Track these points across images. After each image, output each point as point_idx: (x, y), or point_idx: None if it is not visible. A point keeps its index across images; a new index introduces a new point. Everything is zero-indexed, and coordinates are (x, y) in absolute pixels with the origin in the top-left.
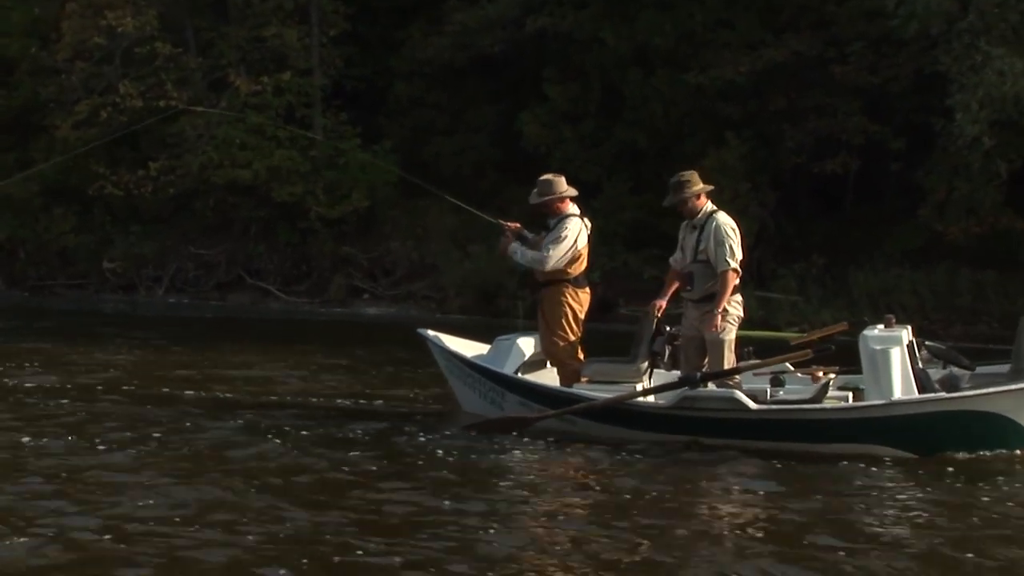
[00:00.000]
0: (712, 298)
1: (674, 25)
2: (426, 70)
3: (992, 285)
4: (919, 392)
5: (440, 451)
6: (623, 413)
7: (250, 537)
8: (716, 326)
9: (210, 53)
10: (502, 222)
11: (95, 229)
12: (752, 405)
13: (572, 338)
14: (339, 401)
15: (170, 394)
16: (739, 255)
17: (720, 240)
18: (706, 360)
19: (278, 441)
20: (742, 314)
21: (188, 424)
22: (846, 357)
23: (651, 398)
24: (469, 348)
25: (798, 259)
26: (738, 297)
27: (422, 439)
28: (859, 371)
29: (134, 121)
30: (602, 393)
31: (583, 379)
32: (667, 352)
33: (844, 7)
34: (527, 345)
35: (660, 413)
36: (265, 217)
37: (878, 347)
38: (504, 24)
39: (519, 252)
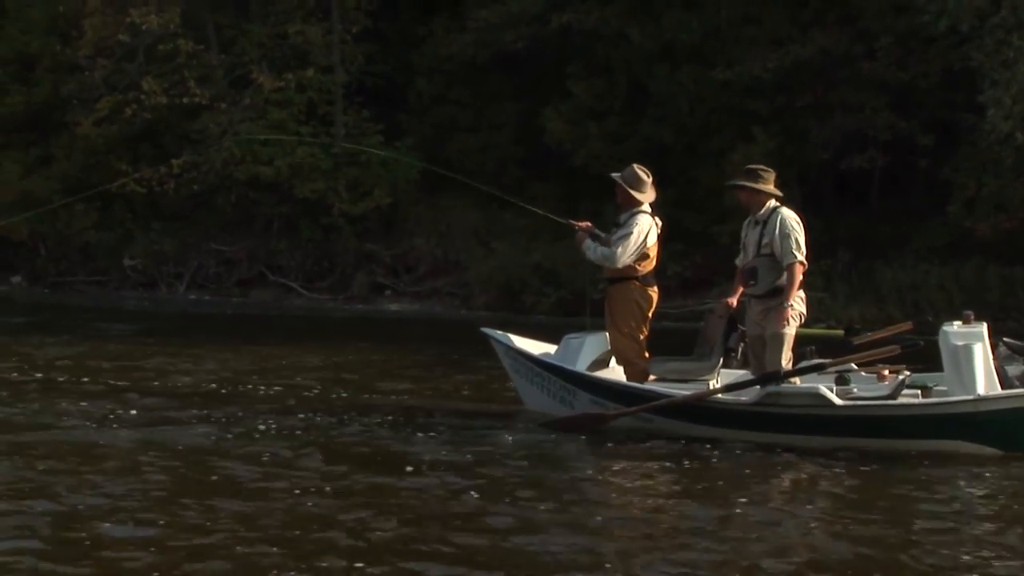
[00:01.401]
0: (776, 293)
1: (700, 21)
2: (447, 67)
3: (1021, 281)
4: (1001, 388)
5: (514, 448)
6: (703, 410)
7: (322, 534)
8: (784, 320)
9: (232, 50)
10: (572, 222)
11: (115, 226)
12: (838, 401)
13: (640, 336)
14: (400, 399)
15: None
16: (803, 249)
17: (786, 233)
18: (788, 358)
19: (357, 438)
20: (804, 311)
21: (255, 424)
22: (909, 356)
23: (733, 395)
24: (534, 347)
25: (824, 255)
26: (801, 293)
27: (494, 436)
28: (924, 370)
29: (159, 118)
30: (676, 391)
31: (652, 377)
32: (740, 350)
33: (872, 1)
34: (598, 343)
35: (743, 410)
36: (287, 214)
37: (960, 343)
38: (527, 20)
39: (592, 248)
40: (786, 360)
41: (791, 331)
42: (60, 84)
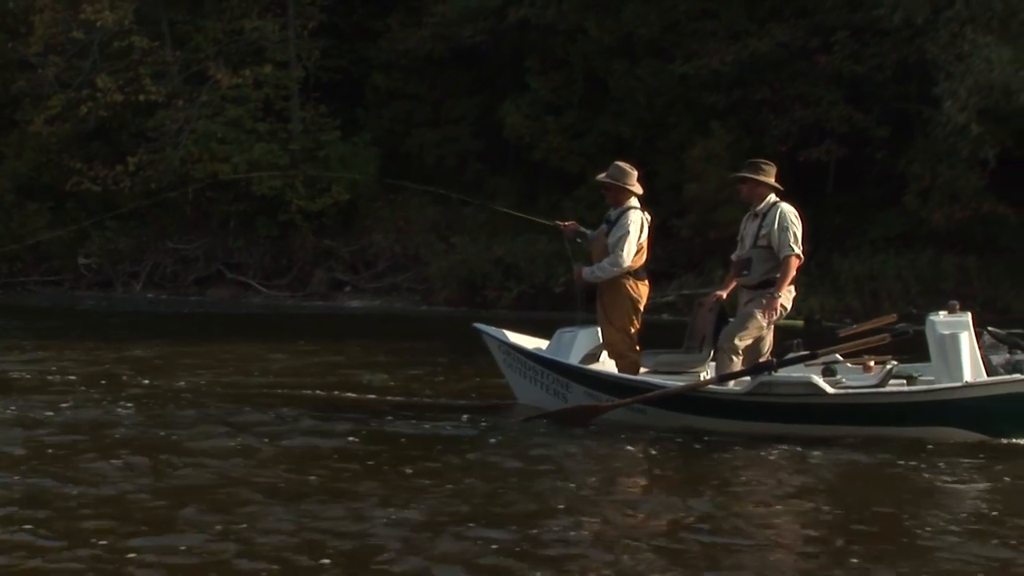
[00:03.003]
0: (768, 284)
1: (658, 15)
2: (405, 61)
3: (975, 270)
4: (987, 375)
5: (506, 441)
6: (697, 401)
7: (307, 531)
8: (769, 307)
9: (187, 47)
10: (558, 223)
11: (70, 225)
12: (830, 390)
13: (632, 330)
14: (390, 398)
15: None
16: (801, 243)
17: (784, 226)
18: (767, 350)
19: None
20: (790, 306)
21: (212, 425)
22: (894, 347)
23: (728, 385)
24: (526, 342)
25: None
26: (792, 289)
27: (487, 429)
28: (909, 360)
29: (114, 116)
30: (666, 382)
31: (644, 370)
32: None
33: None
34: (590, 337)
35: (736, 400)
36: (244, 211)
37: (947, 332)
38: (485, 15)
39: (596, 271)
40: (748, 344)
41: (765, 320)
42: (10, 82)
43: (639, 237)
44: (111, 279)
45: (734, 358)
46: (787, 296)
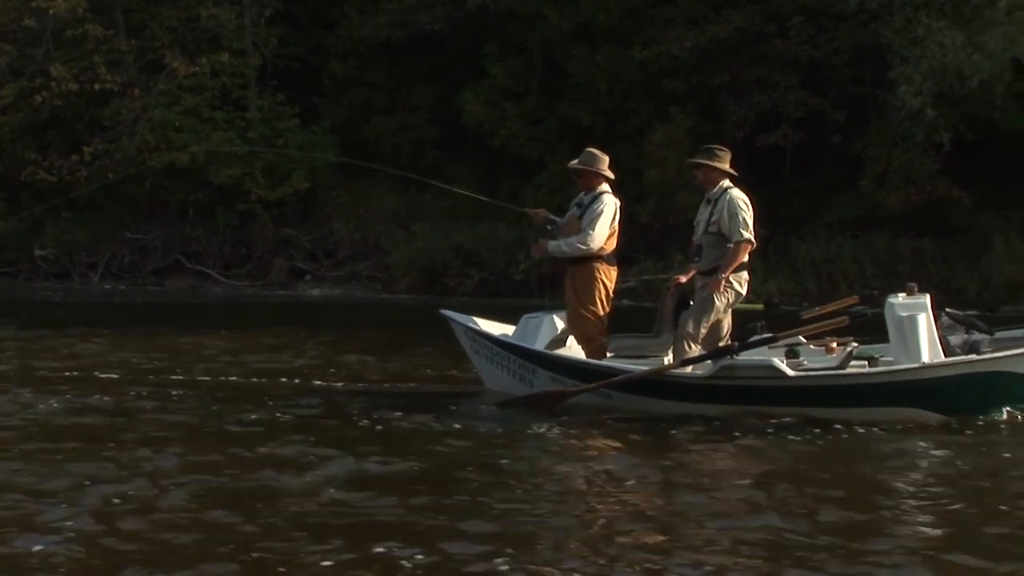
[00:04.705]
0: (719, 269)
1: (617, 2)
2: (362, 49)
3: (930, 252)
4: (944, 356)
5: (476, 427)
6: (661, 385)
7: (279, 521)
8: (717, 291)
9: (142, 35)
10: (528, 211)
11: (24, 215)
12: (790, 372)
13: (602, 314)
14: (360, 385)
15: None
16: (751, 229)
17: (734, 212)
18: (726, 333)
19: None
20: (744, 291)
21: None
22: (855, 328)
23: (688, 369)
24: (492, 328)
25: None
26: (744, 274)
27: (455, 415)
28: (870, 342)
29: (68, 105)
30: (634, 367)
31: (608, 354)
32: None
33: None
34: (556, 322)
35: (698, 383)
36: (203, 200)
37: (905, 314)
38: (443, 1)
39: (563, 245)
40: (705, 330)
41: (721, 304)
42: None
43: (612, 221)
44: (68, 270)
45: (693, 343)
46: (740, 282)
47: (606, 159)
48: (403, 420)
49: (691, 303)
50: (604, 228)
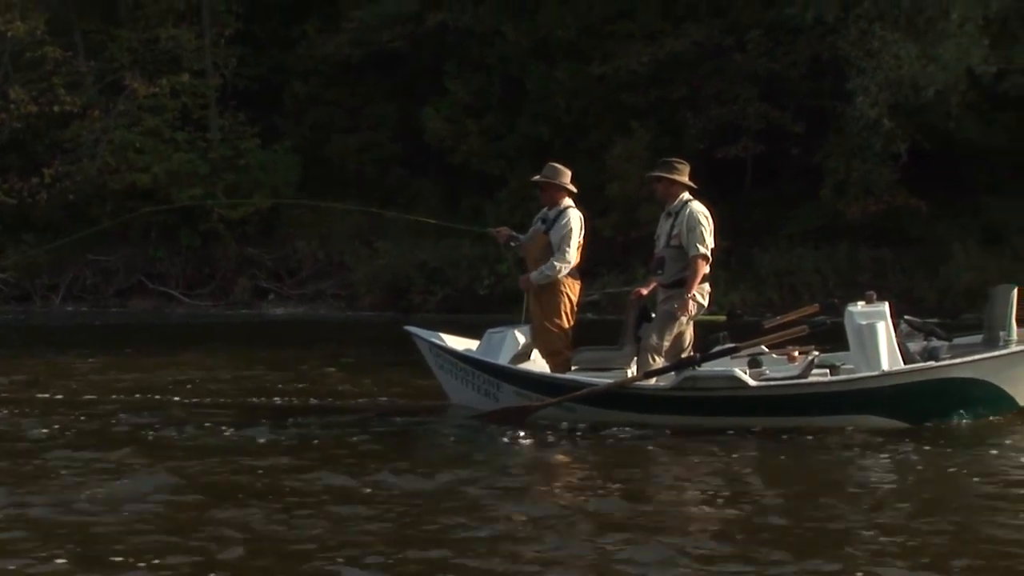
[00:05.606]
0: (681, 283)
1: (575, 17)
2: (323, 68)
3: (889, 261)
4: (904, 363)
5: (441, 441)
6: (624, 397)
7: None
8: (682, 306)
9: (102, 56)
10: (490, 230)
11: None
12: (752, 382)
13: (566, 327)
14: (327, 401)
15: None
16: (710, 243)
17: (692, 226)
18: (688, 344)
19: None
20: (706, 303)
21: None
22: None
23: (652, 381)
24: (457, 343)
25: None
26: (706, 286)
27: (421, 432)
28: (832, 350)
29: (27, 127)
30: (595, 380)
31: (572, 367)
32: None
33: None
34: (520, 337)
35: (661, 395)
36: (165, 221)
37: (864, 322)
38: (403, 20)
39: (547, 270)
40: (668, 342)
41: (684, 318)
42: None
43: (580, 234)
44: (30, 293)
45: (656, 355)
46: (702, 294)
47: (568, 173)
48: (368, 436)
49: (652, 316)
50: (575, 245)
